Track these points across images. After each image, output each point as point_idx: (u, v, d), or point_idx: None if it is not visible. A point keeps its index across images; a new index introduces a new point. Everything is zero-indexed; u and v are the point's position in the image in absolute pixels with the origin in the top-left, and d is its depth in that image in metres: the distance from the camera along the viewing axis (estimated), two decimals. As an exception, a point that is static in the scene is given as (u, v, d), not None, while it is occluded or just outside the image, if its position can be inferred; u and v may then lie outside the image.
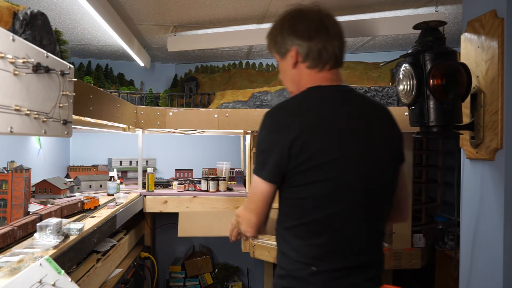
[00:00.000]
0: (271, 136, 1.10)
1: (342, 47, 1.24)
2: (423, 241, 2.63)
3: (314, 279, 1.10)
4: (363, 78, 3.01)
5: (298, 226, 1.12)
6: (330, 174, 1.08)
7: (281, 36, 1.21)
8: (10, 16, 1.16)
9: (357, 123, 1.14)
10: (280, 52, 1.23)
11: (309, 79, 1.20)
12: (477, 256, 1.48)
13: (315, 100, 1.15)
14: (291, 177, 1.09)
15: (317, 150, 1.07)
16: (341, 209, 1.10)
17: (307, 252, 1.11)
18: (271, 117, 1.12)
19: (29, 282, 1.12)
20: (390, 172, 1.20)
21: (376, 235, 1.18)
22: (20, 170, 1.76)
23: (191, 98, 3.35)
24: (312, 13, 1.20)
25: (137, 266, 3.03)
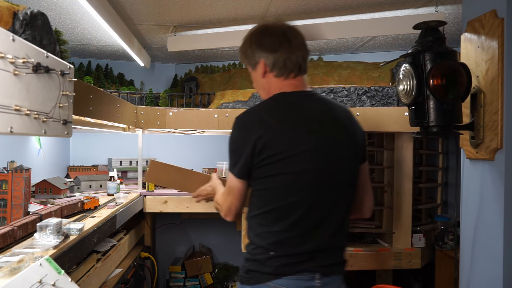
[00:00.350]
0: (239, 138, 1.30)
1: (305, 56, 1.39)
2: (423, 241, 2.63)
3: (271, 263, 1.25)
4: (363, 78, 3.01)
5: (260, 215, 1.29)
6: (288, 168, 1.24)
7: (251, 50, 1.39)
8: (10, 16, 1.16)
9: (317, 123, 1.29)
10: (251, 64, 1.41)
11: (276, 86, 1.36)
12: (477, 256, 1.48)
13: (277, 104, 1.32)
14: (255, 171, 1.27)
15: (276, 148, 1.23)
16: (298, 200, 1.25)
17: (267, 238, 1.26)
18: (239, 121, 1.32)
19: (29, 282, 1.12)
20: (349, 169, 1.33)
21: (333, 226, 1.30)
22: (20, 170, 1.76)
23: (191, 98, 3.35)
24: (276, 27, 1.38)
25: (137, 266, 3.03)
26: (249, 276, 1.30)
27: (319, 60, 3.34)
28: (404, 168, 2.61)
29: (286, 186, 1.25)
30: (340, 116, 1.35)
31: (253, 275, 1.29)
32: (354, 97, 2.79)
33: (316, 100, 1.36)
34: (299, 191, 1.25)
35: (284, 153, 1.23)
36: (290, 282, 1.24)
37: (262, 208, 1.29)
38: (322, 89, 2.84)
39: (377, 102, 2.76)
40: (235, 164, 1.30)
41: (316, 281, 1.26)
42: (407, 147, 2.60)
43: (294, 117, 1.29)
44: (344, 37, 2.75)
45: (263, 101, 1.38)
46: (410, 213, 2.60)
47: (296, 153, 1.24)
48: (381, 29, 2.58)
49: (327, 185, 1.27)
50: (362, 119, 2.53)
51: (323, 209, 1.28)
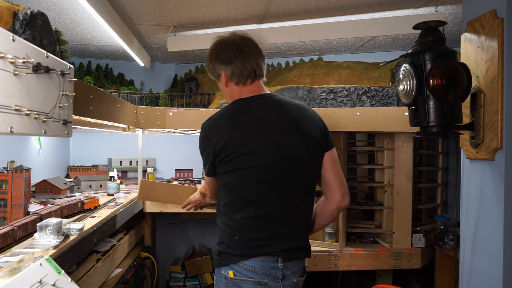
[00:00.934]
0: (203, 143, 1.50)
1: (259, 63, 1.56)
2: (423, 241, 2.63)
3: (236, 246, 1.44)
4: (363, 78, 3.01)
5: (225, 205, 1.48)
6: (242, 165, 1.42)
7: (212, 64, 1.59)
8: (10, 16, 1.16)
9: (268, 123, 1.46)
10: (215, 76, 1.62)
11: (237, 93, 1.56)
12: (477, 256, 1.48)
13: (233, 110, 1.52)
14: (217, 168, 1.48)
15: (231, 148, 1.42)
16: (252, 192, 1.44)
17: (231, 225, 1.46)
18: (203, 128, 1.51)
19: (29, 282, 1.12)
20: (305, 161, 1.50)
21: (291, 214, 1.48)
22: (20, 170, 1.76)
23: (191, 98, 3.35)
24: (229, 41, 1.56)
25: (137, 266, 3.03)
26: (220, 258, 1.48)
27: (319, 60, 3.34)
28: (404, 168, 2.61)
29: (240, 180, 1.44)
30: (292, 114, 1.51)
31: (224, 257, 1.46)
32: (354, 97, 2.79)
33: (270, 101, 1.53)
34: (253, 184, 1.43)
35: (237, 152, 1.42)
36: (256, 263, 1.42)
37: (226, 199, 1.49)
38: (322, 89, 2.84)
39: (377, 102, 2.77)
40: (204, 164, 1.53)
41: (279, 264, 1.43)
42: (407, 147, 2.60)
43: (246, 120, 1.47)
44: (344, 37, 2.75)
45: (223, 107, 1.59)
46: (410, 213, 2.60)
47: (248, 151, 1.42)
48: (381, 29, 2.58)
49: (282, 177, 1.45)
50: (362, 119, 2.53)
51: (279, 199, 1.45)
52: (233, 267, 1.43)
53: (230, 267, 1.44)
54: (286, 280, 1.45)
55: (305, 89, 2.84)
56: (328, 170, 1.56)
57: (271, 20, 2.74)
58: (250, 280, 1.42)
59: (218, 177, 1.51)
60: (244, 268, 1.42)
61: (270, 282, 1.42)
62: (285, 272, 1.44)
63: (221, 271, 1.47)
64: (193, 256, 3.69)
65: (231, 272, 1.43)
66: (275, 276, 1.43)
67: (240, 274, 1.42)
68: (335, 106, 2.77)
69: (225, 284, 1.46)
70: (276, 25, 2.80)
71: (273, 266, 1.43)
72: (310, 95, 2.83)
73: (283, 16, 2.66)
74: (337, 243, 2.58)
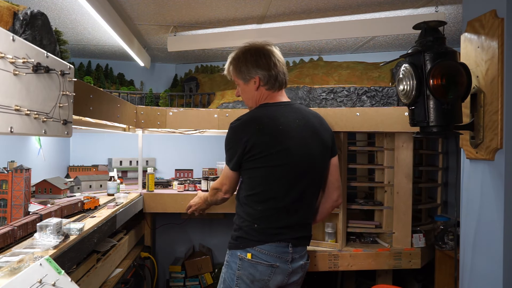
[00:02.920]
0: (232, 140, 1.71)
1: (286, 72, 1.84)
2: (423, 241, 2.63)
3: (255, 233, 1.68)
4: (363, 78, 3.01)
5: (248, 196, 1.72)
6: (268, 163, 1.65)
7: (246, 67, 1.77)
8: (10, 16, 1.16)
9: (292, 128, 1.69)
10: (244, 78, 1.80)
11: (263, 97, 1.79)
12: (477, 256, 1.48)
13: (262, 114, 1.72)
14: (244, 164, 1.71)
15: (259, 147, 1.64)
16: (275, 187, 1.67)
17: (252, 215, 1.70)
18: (233, 128, 1.73)
19: (29, 282, 1.12)
20: (318, 163, 1.76)
21: (303, 207, 1.74)
22: (20, 170, 1.76)
23: (191, 98, 3.35)
24: (265, 50, 1.78)
25: (137, 266, 3.03)
26: (238, 242, 1.71)
27: (319, 60, 3.34)
28: (404, 168, 2.61)
29: (267, 176, 1.68)
30: (311, 121, 1.76)
31: (242, 241, 1.70)
32: (354, 97, 2.79)
33: (293, 108, 1.78)
34: (277, 181, 1.68)
35: (266, 151, 1.65)
36: (271, 248, 1.68)
37: (249, 191, 1.72)
38: (322, 89, 2.84)
39: (377, 102, 2.77)
40: (229, 160, 1.75)
41: (289, 248, 1.70)
42: (407, 147, 2.60)
43: (276, 123, 1.68)
44: (344, 37, 2.75)
45: (252, 111, 1.78)
46: (410, 213, 2.60)
47: (275, 151, 1.65)
48: (381, 29, 2.58)
49: (300, 176, 1.69)
50: (362, 119, 2.53)
51: (296, 194, 1.70)
52: (250, 250, 1.67)
53: (246, 250, 1.67)
54: (294, 262, 1.73)
55: (305, 89, 2.84)
56: (331, 173, 1.86)
57: (271, 20, 2.74)
58: (264, 262, 1.66)
59: (245, 171, 1.73)
60: (260, 251, 1.66)
61: (281, 265, 1.68)
62: (294, 256, 1.72)
63: (236, 253, 1.70)
64: (193, 256, 3.69)
65: (249, 254, 1.67)
66: (285, 259, 1.69)
67: (256, 257, 1.66)
68: (335, 106, 2.77)
69: (238, 265, 1.68)
70: (276, 25, 2.80)
71: (284, 250, 1.69)
72: (310, 95, 2.83)
73: (283, 16, 2.66)
74: (337, 243, 2.58)
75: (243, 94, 1.85)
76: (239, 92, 1.90)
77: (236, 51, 1.84)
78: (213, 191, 1.99)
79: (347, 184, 2.67)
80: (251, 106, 1.84)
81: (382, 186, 2.69)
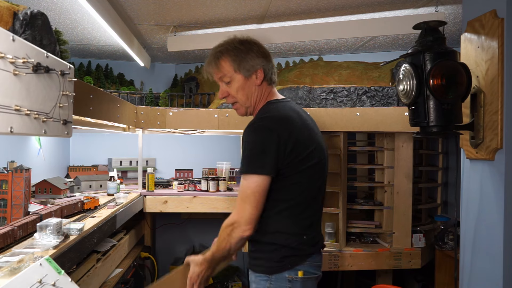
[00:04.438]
0: (266, 140, 1.35)
1: None
2: (423, 241, 2.63)
3: (306, 246, 1.43)
4: (363, 78, 3.01)
5: (288, 208, 1.41)
6: (312, 160, 1.42)
7: (250, 57, 1.47)
8: (10, 16, 1.16)
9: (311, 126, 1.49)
10: (248, 71, 1.48)
11: (265, 94, 1.51)
12: (477, 256, 1.48)
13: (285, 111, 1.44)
14: (284, 169, 1.37)
15: (300, 146, 1.38)
16: (318, 188, 1.47)
17: (298, 226, 1.42)
18: (265, 126, 1.38)
19: (29, 282, 1.12)
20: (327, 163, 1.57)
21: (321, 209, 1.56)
22: (20, 170, 1.76)
23: (191, 98, 3.35)
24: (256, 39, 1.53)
25: (137, 266, 3.03)
26: (284, 262, 1.40)
27: (319, 60, 3.34)
28: (404, 168, 2.61)
29: (310, 177, 1.42)
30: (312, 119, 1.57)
31: (291, 260, 1.40)
32: (354, 97, 2.79)
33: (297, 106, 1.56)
34: (317, 181, 1.46)
35: (305, 151, 1.39)
36: (317, 257, 1.46)
37: (290, 201, 1.41)
38: (322, 89, 2.84)
39: (377, 102, 2.76)
40: (263, 164, 1.34)
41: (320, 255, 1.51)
42: (407, 147, 2.60)
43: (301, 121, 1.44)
44: (344, 37, 2.75)
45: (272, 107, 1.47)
46: (410, 213, 2.60)
47: (311, 150, 1.42)
48: (381, 29, 2.58)
49: (323, 178, 1.52)
50: (362, 119, 2.53)
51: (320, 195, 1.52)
52: (301, 268, 1.41)
53: (296, 269, 1.41)
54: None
55: (305, 89, 2.84)
56: None
57: (271, 20, 2.74)
58: (312, 276, 1.44)
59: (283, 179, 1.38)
60: (310, 265, 1.43)
61: (319, 273, 1.48)
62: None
63: (284, 276, 1.40)
64: (193, 256, 3.69)
65: (300, 272, 1.40)
66: (320, 266, 1.51)
67: (307, 273, 1.42)
68: (335, 106, 2.77)
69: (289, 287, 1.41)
70: (276, 25, 2.80)
71: (321, 257, 1.51)
72: (310, 95, 2.83)
73: (283, 16, 2.66)
74: (337, 243, 2.58)
75: (241, 92, 1.50)
76: (227, 92, 1.54)
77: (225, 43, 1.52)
78: (224, 235, 1.41)
79: (347, 184, 2.67)
80: (247, 106, 1.51)
81: (382, 186, 2.69)
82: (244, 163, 1.38)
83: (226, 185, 3.08)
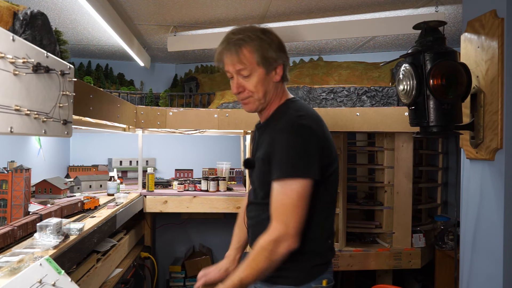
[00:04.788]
0: (309, 141, 1.24)
1: None
2: (423, 241, 2.63)
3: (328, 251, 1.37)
4: (363, 78, 3.01)
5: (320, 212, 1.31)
6: (334, 166, 1.34)
7: (273, 51, 1.32)
8: (10, 16, 1.16)
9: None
10: (270, 66, 1.32)
11: (283, 92, 1.39)
12: (477, 256, 1.48)
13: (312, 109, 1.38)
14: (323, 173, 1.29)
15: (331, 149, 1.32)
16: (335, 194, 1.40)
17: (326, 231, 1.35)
18: (306, 126, 1.26)
19: (29, 282, 1.12)
20: None
21: None
22: (20, 170, 1.76)
23: (191, 98, 3.35)
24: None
25: (137, 266, 3.03)
26: (313, 271, 1.31)
27: (319, 60, 3.34)
28: (404, 168, 2.61)
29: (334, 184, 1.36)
30: None
31: (317, 269, 1.32)
32: (354, 97, 2.79)
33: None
34: (337, 185, 1.39)
35: (332, 153, 1.33)
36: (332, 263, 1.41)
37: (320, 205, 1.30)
38: (322, 89, 2.84)
39: (377, 102, 2.76)
40: (308, 166, 1.22)
41: None
42: (407, 147, 2.60)
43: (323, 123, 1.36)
44: (344, 37, 2.75)
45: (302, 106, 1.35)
46: (410, 213, 2.61)
47: (335, 152, 1.37)
48: (381, 29, 2.58)
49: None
50: (362, 119, 2.53)
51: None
52: (325, 275, 1.33)
53: (321, 278, 1.32)
54: None
55: (305, 89, 2.84)
56: None
57: (271, 20, 2.74)
58: (331, 283, 1.35)
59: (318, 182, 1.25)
60: (330, 272, 1.36)
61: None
62: None
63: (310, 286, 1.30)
64: (193, 256, 3.69)
65: (324, 281, 1.32)
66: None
67: (329, 280, 1.34)
68: (335, 106, 2.77)
69: None
70: (276, 25, 2.80)
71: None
72: (310, 95, 2.83)
73: (283, 16, 2.66)
74: (337, 243, 2.58)
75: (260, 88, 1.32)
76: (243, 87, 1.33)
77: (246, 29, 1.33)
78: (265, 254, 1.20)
79: (347, 184, 2.67)
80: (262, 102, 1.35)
81: (382, 186, 2.69)
82: (284, 166, 1.22)
83: (226, 185, 3.08)
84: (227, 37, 1.34)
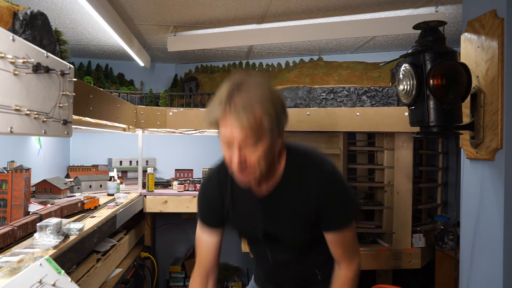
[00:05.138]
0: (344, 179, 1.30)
1: None
2: (423, 241, 2.63)
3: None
4: (363, 78, 3.01)
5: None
6: None
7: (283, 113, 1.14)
8: (10, 16, 1.16)
9: None
10: (279, 133, 1.15)
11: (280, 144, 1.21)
12: (477, 256, 1.47)
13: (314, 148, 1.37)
14: None
15: None
16: None
17: None
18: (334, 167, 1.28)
19: (29, 282, 1.12)
20: None
21: None
22: (20, 170, 1.76)
23: (191, 98, 3.35)
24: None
25: (137, 266, 3.03)
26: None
27: (319, 60, 3.34)
28: (404, 168, 2.61)
29: None
30: None
31: None
32: (354, 97, 2.79)
33: None
34: None
35: None
36: None
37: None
38: (322, 89, 2.84)
39: (377, 102, 2.76)
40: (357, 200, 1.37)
41: None
42: (407, 147, 2.60)
43: None
44: (344, 37, 2.75)
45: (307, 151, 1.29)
46: (410, 213, 2.60)
47: None
48: (381, 29, 2.58)
49: None
50: (362, 119, 2.53)
51: None
52: None
53: None
54: None
55: (305, 89, 2.84)
56: None
57: (271, 20, 2.74)
58: None
59: None
60: None
61: None
62: None
63: None
64: (193, 256, 3.69)
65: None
66: None
67: None
68: (335, 106, 2.77)
69: None
70: (276, 25, 2.80)
71: None
72: (310, 95, 2.83)
73: (283, 16, 2.66)
74: (337, 243, 2.57)
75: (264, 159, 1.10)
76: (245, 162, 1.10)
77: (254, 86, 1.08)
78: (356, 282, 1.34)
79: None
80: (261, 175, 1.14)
81: (382, 186, 2.69)
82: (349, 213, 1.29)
83: (226, 185, 3.07)
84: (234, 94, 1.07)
